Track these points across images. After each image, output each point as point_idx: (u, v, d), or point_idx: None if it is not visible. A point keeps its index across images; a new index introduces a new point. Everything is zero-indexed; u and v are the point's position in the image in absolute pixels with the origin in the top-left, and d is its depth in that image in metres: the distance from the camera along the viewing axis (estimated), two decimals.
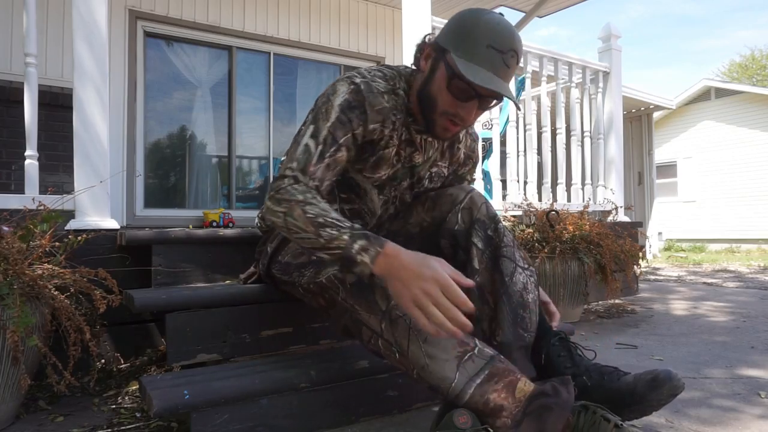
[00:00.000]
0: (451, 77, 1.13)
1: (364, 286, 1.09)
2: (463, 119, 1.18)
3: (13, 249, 1.24)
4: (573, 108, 3.20)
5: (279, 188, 1.11)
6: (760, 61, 24.89)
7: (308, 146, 1.15)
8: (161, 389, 1.14)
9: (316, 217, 1.04)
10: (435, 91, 1.17)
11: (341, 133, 1.17)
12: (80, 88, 1.72)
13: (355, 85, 1.19)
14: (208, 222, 4.12)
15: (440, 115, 1.19)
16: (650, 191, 8.40)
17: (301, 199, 1.07)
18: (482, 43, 1.09)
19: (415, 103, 1.25)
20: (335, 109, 1.17)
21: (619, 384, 1.13)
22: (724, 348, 2.02)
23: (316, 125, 1.17)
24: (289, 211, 1.06)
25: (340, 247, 1.00)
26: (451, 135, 1.25)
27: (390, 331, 1.05)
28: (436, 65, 1.17)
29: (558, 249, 2.37)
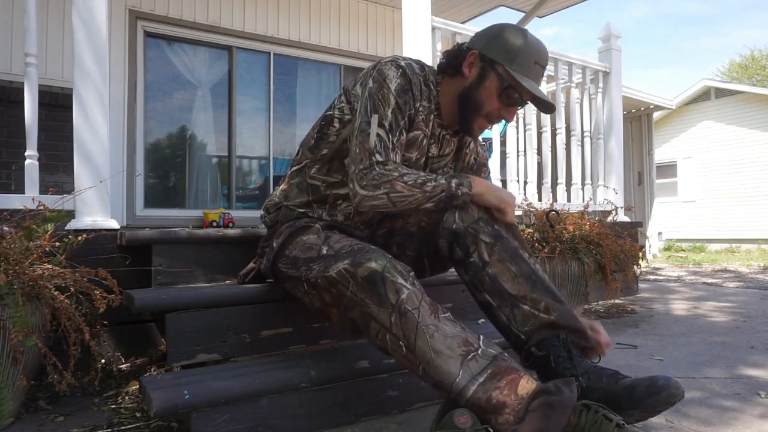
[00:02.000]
0: (506, 87, 1.31)
1: (375, 280, 1.11)
2: (505, 120, 1.39)
3: (13, 249, 1.24)
4: (573, 108, 3.20)
5: (372, 176, 1.23)
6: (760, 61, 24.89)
7: (380, 135, 1.26)
8: (161, 389, 1.14)
9: (416, 180, 1.24)
10: (483, 97, 1.33)
11: (400, 116, 1.29)
12: (80, 88, 1.72)
13: (401, 68, 1.32)
14: (208, 222, 4.12)
15: (482, 117, 1.36)
16: (650, 191, 8.40)
17: (397, 175, 1.23)
18: (531, 59, 1.30)
19: (447, 102, 1.39)
20: (393, 94, 1.28)
21: (616, 387, 1.12)
22: (724, 348, 2.02)
23: (379, 113, 1.27)
24: (392, 188, 1.23)
25: (443, 190, 1.25)
26: (480, 133, 1.43)
27: (399, 324, 1.08)
28: (486, 74, 1.33)
29: (558, 249, 2.37)
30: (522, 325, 1.24)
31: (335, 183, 1.40)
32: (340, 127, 1.38)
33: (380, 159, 1.24)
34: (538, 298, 1.23)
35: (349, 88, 1.38)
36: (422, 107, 1.35)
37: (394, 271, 1.11)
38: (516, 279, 1.25)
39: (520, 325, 1.24)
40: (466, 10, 5.31)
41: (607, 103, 3.35)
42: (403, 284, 1.09)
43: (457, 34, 2.69)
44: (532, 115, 2.99)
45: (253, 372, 1.27)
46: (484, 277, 1.27)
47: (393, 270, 1.11)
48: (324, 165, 1.40)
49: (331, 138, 1.39)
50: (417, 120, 1.34)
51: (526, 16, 5.34)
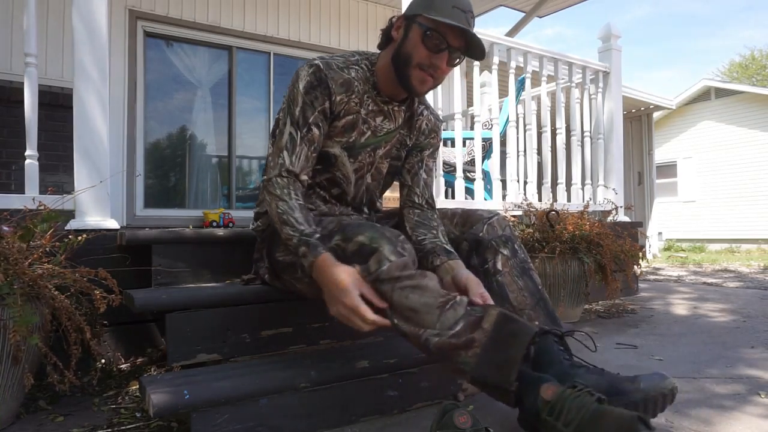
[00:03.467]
0: (426, 30, 1.30)
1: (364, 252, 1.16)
2: (436, 69, 1.34)
3: (13, 249, 1.24)
4: (573, 108, 3.20)
5: (269, 180, 1.30)
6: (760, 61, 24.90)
7: (291, 134, 1.32)
8: (161, 389, 1.14)
9: (282, 214, 1.25)
10: (410, 48, 1.33)
11: (310, 112, 1.33)
12: (80, 88, 1.72)
13: (314, 66, 1.35)
14: (208, 222, 4.12)
15: (414, 68, 1.34)
16: (650, 191, 8.40)
17: (277, 194, 1.27)
18: (448, 4, 1.29)
19: (383, 73, 1.41)
20: (300, 92, 1.34)
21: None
22: (724, 348, 2.02)
23: (290, 112, 1.34)
24: (270, 203, 1.28)
25: (292, 244, 1.22)
26: (426, 88, 1.38)
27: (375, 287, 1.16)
28: (409, 28, 1.34)
29: (558, 249, 2.36)
30: None
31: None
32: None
33: (285, 162, 1.30)
34: (534, 315, 1.32)
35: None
36: (354, 93, 1.39)
37: (382, 241, 1.16)
38: (521, 292, 1.35)
39: None
40: None
41: (607, 103, 3.35)
42: (388, 257, 1.14)
43: None
44: (532, 115, 2.99)
45: (253, 372, 1.27)
46: (493, 282, 1.36)
47: (381, 239, 1.16)
48: None
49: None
50: (343, 108, 1.38)
51: (526, 16, 5.34)
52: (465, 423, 0.99)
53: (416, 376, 1.39)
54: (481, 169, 2.79)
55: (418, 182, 1.54)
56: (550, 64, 3.07)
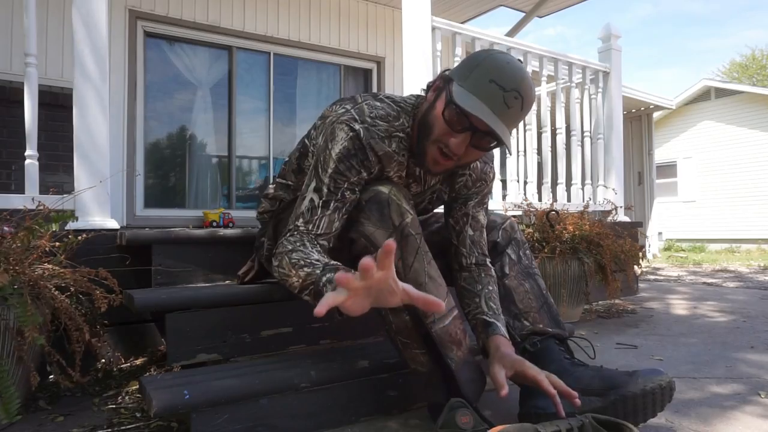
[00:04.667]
0: (447, 104, 1.11)
1: (381, 200, 1.14)
2: (452, 150, 1.12)
3: (13, 249, 1.24)
4: (573, 108, 3.20)
5: (278, 245, 1.16)
6: (760, 61, 24.89)
7: (312, 200, 1.16)
8: (161, 389, 1.14)
9: (298, 261, 1.08)
10: (432, 119, 1.15)
11: (341, 181, 1.16)
12: (80, 88, 1.72)
13: (354, 132, 1.17)
14: (208, 222, 4.12)
15: (432, 143, 1.15)
16: (650, 191, 8.40)
17: (290, 249, 1.11)
18: (486, 77, 1.08)
19: (414, 135, 1.22)
20: (333, 159, 1.16)
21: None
22: (724, 348, 2.02)
23: (317, 177, 1.17)
24: (280, 263, 1.12)
25: (312, 282, 1.03)
26: (440, 169, 1.20)
27: (398, 245, 1.11)
28: (440, 94, 1.15)
29: (558, 249, 2.36)
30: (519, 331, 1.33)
31: None
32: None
33: (299, 225, 1.15)
34: (539, 318, 1.33)
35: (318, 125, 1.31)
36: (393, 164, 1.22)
37: (400, 195, 1.15)
38: (527, 295, 1.36)
39: (518, 331, 1.33)
40: (466, 10, 5.32)
41: (607, 103, 3.35)
42: (408, 209, 1.14)
43: (457, 34, 2.69)
44: (532, 115, 2.99)
45: (253, 372, 1.27)
46: (500, 286, 1.37)
47: (399, 195, 1.15)
48: None
49: (307, 171, 1.34)
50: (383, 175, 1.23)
51: (526, 16, 5.34)
52: (467, 423, 0.99)
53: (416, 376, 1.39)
54: None
55: (464, 241, 1.35)
56: (550, 64, 3.07)
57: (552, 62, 3.09)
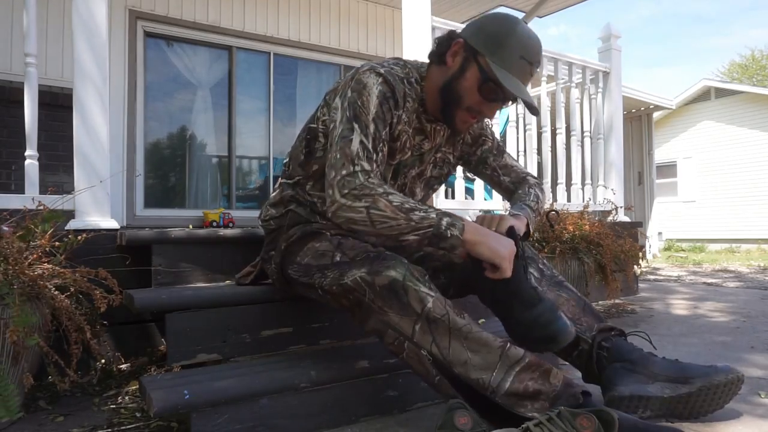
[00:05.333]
0: (485, 80, 1.23)
1: (396, 289, 1.10)
2: (485, 116, 1.31)
3: (13, 249, 1.24)
4: (573, 108, 3.20)
5: (355, 185, 1.14)
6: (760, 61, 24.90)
7: (363, 143, 1.18)
8: (161, 389, 1.14)
9: (402, 204, 1.13)
10: (463, 89, 1.25)
11: (382, 126, 1.22)
12: (80, 88, 1.72)
13: (382, 75, 1.24)
14: (208, 222, 4.12)
15: (464, 110, 1.28)
16: (650, 191, 8.40)
17: (382, 192, 1.13)
18: (516, 53, 1.21)
19: (431, 94, 1.32)
20: (374, 102, 1.21)
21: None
22: (724, 348, 2.02)
23: (361, 121, 1.20)
24: (373, 203, 1.13)
25: (431, 225, 1.12)
26: (467, 128, 1.36)
27: (427, 332, 1.09)
28: (467, 65, 1.25)
29: (558, 249, 2.36)
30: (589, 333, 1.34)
31: None
32: (326, 141, 1.32)
33: (365, 167, 1.16)
34: (588, 321, 1.36)
35: (329, 100, 1.34)
36: (406, 110, 1.30)
37: (414, 280, 1.10)
38: (568, 302, 1.37)
39: (585, 332, 1.34)
40: (466, 10, 5.32)
41: (607, 103, 3.35)
42: (427, 293, 1.10)
43: None
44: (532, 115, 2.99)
45: (253, 372, 1.27)
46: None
47: (413, 278, 1.10)
48: (317, 181, 1.36)
49: (318, 153, 1.35)
50: (399, 128, 1.30)
51: (526, 16, 5.34)
52: (465, 425, 0.98)
53: (416, 376, 1.39)
54: None
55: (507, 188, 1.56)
56: (550, 64, 3.07)
57: (552, 62, 3.09)
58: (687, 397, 1.21)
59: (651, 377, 1.24)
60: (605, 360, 1.31)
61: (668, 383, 1.23)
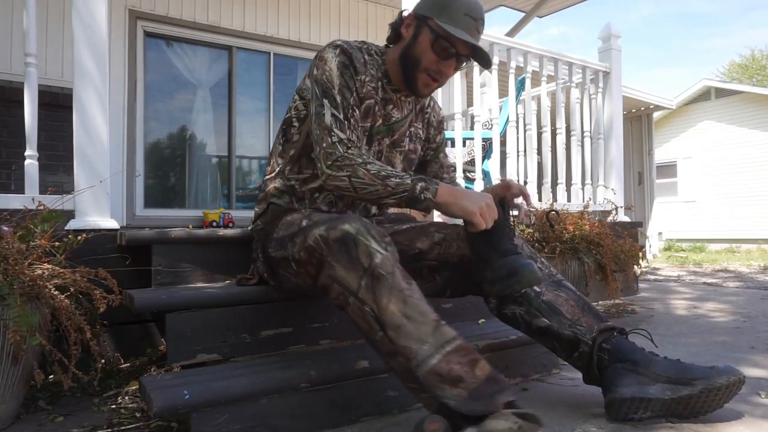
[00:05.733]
0: (436, 38, 1.33)
1: (347, 241, 1.13)
2: (442, 74, 1.39)
3: (13, 249, 1.24)
4: (573, 108, 3.20)
5: (336, 156, 1.25)
6: (760, 61, 24.90)
7: (334, 115, 1.29)
8: (161, 389, 1.14)
9: (379, 171, 1.23)
10: (419, 52, 1.36)
11: (348, 93, 1.33)
12: (80, 88, 1.72)
13: (338, 47, 1.36)
14: (208, 222, 4.12)
15: (422, 72, 1.38)
16: (650, 191, 8.40)
17: (361, 161, 1.24)
18: (461, 11, 1.32)
19: (392, 66, 1.43)
20: (335, 73, 1.32)
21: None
22: (724, 348, 2.02)
23: (326, 95, 1.31)
24: (354, 172, 1.23)
25: (406, 190, 1.21)
26: (430, 91, 1.44)
27: (369, 288, 1.09)
28: (419, 30, 1.36)
29: (558, 249, 2.36)
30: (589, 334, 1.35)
31: (307, 179, 1.44)
32: (300, 125, 1.44)
33: (341, 136, 1.26)
34: (588, 320, 1.37)
35: (301, 86, 1.44)
36: (369, 76, 1.40)
37: (368, 235, 1.13)
38: (568, 302, 1.39)
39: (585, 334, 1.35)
40: None
41: (607, 103, 3.35)
42: (377, 249, 1.11)
43: None
44: (532, 115, 2.99)
45: (253, 372, 1.27)
46: (541, 304, 1.38)
47: (367, 234, 1.13)
48: (294, 164, 1.45)
49: (295, 138, 1.45)
50: (365, 90, 1.39)
51: (526, 16, 5.34)
52: (436, 430, 0.98)
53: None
54: (481, 169, 2.79)
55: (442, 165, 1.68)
56: (550, 64, 3.07)
57: (552, 62, 3.09)
58: (688, 398, 1.21)
59: (652, 378, 1.24)
60: (606, 361, 1.31)
61: (669, 384, 1.23)
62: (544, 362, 1.70)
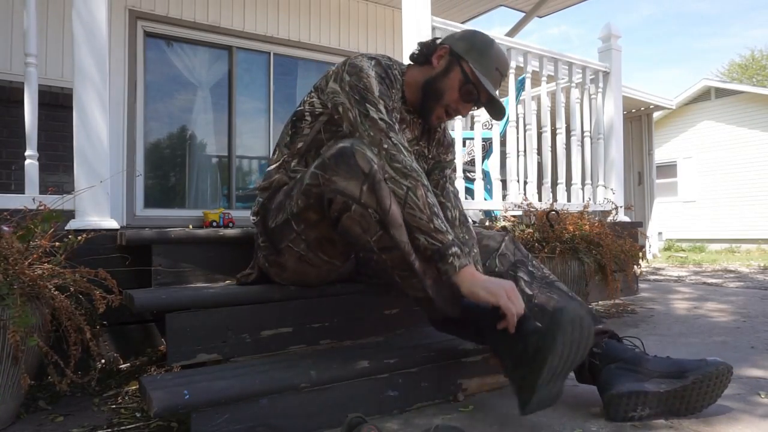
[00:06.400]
0: (466, 81, 1.40)
1: (345, 153, 1.18)
2: (458, 114, 1.47)
3: (13, 249, 1.24)
4: (573, 108, 3.20)
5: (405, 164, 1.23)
6: (760, 61, 24.91)
7: (384, 120, 1.28)
8: (161, 389, 1.14)
9: (433, 206, 1.23)
10: (445, 87, 1.41)
11: (389, 102, 1.33)
12: (80, 88, 1.72)
13: (373, 59, 1.38)
14: (208, 222, 4.12)
15: (441, 106, 1.43)
16: (650, 191, 8.40)
17: (426, 183, 1.24)
18: (493, 65, 1.41)
19: (411, 88, 1.46)
20: (374, 83, 1.32)
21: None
22: (724, 348, 2.02)
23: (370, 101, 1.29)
24: (414, 188, 1.22)
25: (441, 241, 1.20)
26: (438, 123, 1.50)
27: (371, 193, 1.16)
28: (451, 67, 1.41)
29: (558, 249, 2.36)
30: None
31: None
32: (312, 120, 1.44)
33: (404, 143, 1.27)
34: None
35: (321, 86, 1.44)
36: (396, 93, 1.41)
37: (363, 146, 1.19)
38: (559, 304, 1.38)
39: None
40: (466, 10, 5.32)
41: (607, 103, 3.35)
42: (373, 157, 1.18)
43: None
44: (532, 115, 2.99)
45: (253, 372, 1.27)
46: (534, 307, 1.40)
47: (362, 144, 1.20)
48: (302, 158, 1.47)
49: (305, 131, 1.45)
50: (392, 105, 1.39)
51: (526, 16, 5.34)
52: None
53: (416, 376, 1.39)
54: (481, 169, 2.79)
55: (449, 196, 1.55)
56: (550, 64, 3.07)
57: (552, 62, 3.09)
58: (683, 390, 1.22)
59: (646, 374, 1.26)
60: (598, 365, 1.32)
61: (664, 379, 1.24)
62: None
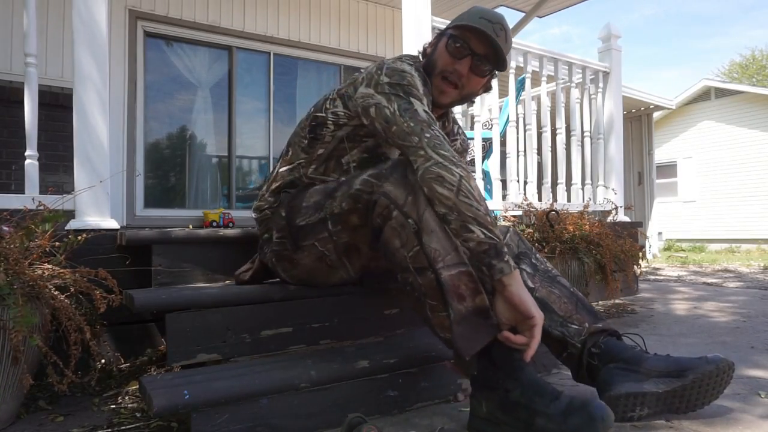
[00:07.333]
0: (449, 38, 1.35)
1: (403, 163, 1.22)
2: (458, 73, 1.36)
3: (13, 249, 1.24)
4: (573, 108, 3.20)
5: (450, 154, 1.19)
6: (760, 61, 24.91)
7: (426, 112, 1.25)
8: (161, 389, 1.14)
9: (483, 198, 1.19)
10: (436, 57, 1.38)
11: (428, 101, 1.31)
12: (80, 88, 1.72)
13: (413, 65, 1.35)
14: (208, 222, 4.12)
15: (437, 76, 1.37)
16: (650, 191, 8.40)
17: (474, 176, 1.28)
18: (476, 16, 1.33)
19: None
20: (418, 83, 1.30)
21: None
22: (724, 348, 2.02)
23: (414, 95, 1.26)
24: (467, 177, 1.17)
25: (498, 237, 1.15)
26: (448, 99, 1.41)
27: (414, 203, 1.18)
28: (438, 40, 1.41)
29: (558, 249, 2.36)
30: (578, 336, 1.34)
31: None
32: (335, 129, 1.41)
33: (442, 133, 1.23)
34: (581, 318, 1.36)
35: (348, 92, 1.38)
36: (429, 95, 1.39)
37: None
38: (561, 299, 1.38)
39: (575, 337, 1.34)
40: None
41: (607, 103, 3.35)
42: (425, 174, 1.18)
43: None
44: (532, 115, 2.99)
45: (253, 372, 1.27)
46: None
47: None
48: (321, 165, 1.44)
49: (327, 138, 1.42)
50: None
51: (526, 16, 5.34)
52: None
53: (416, 376, 1.39)
54: (481, 169, 2.79)
55: None
56: (549, 64, 3.07)
57: (552, 62, 3.09)
58: (682, 390, 1.22)
59: (645, 374, 1.25)
60: (596, 365, 1.31)
61: (662, 378, 1.23)
62: (545, 362, 1.70)
